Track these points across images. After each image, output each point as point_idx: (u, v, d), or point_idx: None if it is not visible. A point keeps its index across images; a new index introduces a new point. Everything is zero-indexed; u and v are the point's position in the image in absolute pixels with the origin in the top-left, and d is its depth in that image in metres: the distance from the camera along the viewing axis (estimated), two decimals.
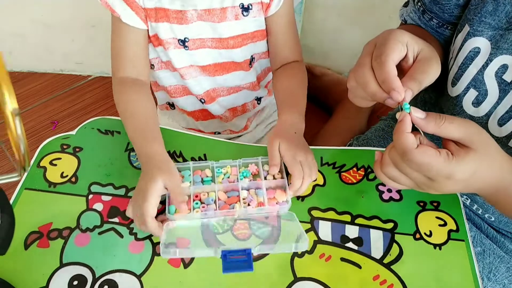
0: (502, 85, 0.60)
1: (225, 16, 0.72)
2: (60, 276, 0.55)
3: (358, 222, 0.62)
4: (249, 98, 0.88)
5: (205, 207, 0.60)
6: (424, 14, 0.69)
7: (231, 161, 0.66)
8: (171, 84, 0.82)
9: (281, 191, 0.63)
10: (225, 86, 0.83)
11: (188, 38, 0.73)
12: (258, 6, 0.73)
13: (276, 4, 0.73)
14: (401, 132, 0.46)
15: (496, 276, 0.70)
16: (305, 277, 0.56)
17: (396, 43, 0.49)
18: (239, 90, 0.85)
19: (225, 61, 0.78)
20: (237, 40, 0.75)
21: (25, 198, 0.62)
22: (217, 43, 0.75)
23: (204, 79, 0.80)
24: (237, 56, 0.77)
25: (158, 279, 0.56)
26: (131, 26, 0.70)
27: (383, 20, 1.31)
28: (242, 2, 0.72)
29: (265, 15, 0.74)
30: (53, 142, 0.69)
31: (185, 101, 0.85)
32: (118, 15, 0.69)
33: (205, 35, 0.73)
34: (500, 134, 0.61)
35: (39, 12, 1.46)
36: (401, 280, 0.56)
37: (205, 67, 0.78)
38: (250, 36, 0.76)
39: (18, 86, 1.60)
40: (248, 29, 0.75)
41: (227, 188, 0.63)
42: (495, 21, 0.59)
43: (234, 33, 0.74)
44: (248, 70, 0.81)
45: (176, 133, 0.72)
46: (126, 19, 0.69)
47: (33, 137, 1.45)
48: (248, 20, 0.73)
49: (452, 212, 0.63)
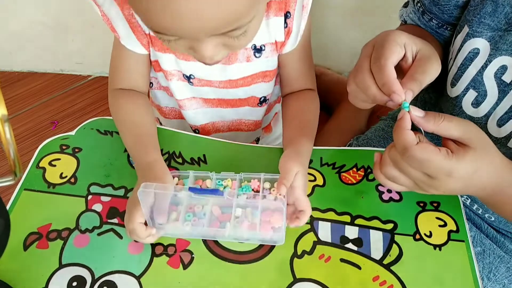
0: (501, 85, 0.60)
1: (236, 58, 0.67)
2: (59, 277, 0.55)
3: (358, 222, 0.62)
4: (249, 139, 0.84)
5: (196, 220, 0.58)
6: (423, 15, 0.69)
7: (232, 174, 0.63)
8: (167, 105, 0.80)
9: (279, 215, 0.57)
10: (226, 120, 0.79)
11: (194, 76, 0.70)
12: (272, 46, 0.68)
13: (292, 44, 0.67)
14: (401, 129, 0.46)
15: (496, 276, 0.70)
16: (305, 278, 0.56)
17: (394, 44, 0.49)
18: (240, 130, 0.81)
19: (232, 98, 0.74)
20: (247, 80, 0.71)
21: (24, 199, 0.62)
22: (225, 84, 0.71)
23: (204, 112, 0.77)
24: (244, 94, 0.74)
25: (157, 280, 0.56)
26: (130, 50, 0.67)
27: (383, 20, 1.31)
28: (254, 43, 0.67)
29: (279, 53, 0.69)
30: (52, 142, 0.69)
31: (176, 124, 0.83)
32: (118, 36, 0.65)
33: (213, 77, 0.70)
34: (499, 134, 0.61)
35: (39, 12, 1.46)
36: (401, 281, 0.56)
37: (209, 100, 0.75)
38: (261, 76, 0.71)
39: (18, 86, 1.60)
40: (259, 69, 0.70)
41: (222, 203, 0.59)
42: (494, 22, 0.59)
43: (244, 74, 0.70)
44: (254, 106, 0.77)
45: (175, 133, 0.72)
46: (125, 42, 0.66)
47: (33, 137, 1.45)
48: (260, 61, 0.69)
49: (452, 212, 0.63)
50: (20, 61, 1.62)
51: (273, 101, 0.84)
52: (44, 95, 1.58)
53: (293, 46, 0.68)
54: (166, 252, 0.58)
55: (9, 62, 1.63)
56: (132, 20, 0.64)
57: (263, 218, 0.57)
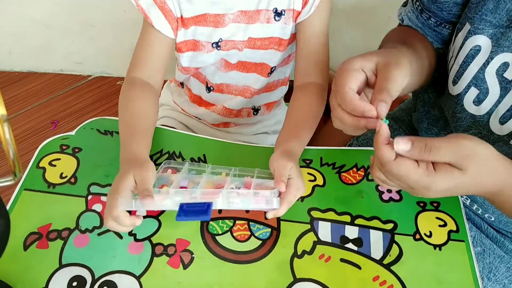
0: (503, 83, 0.59)
1: (258, 18, 0.73)
2: (59, 277, 0.55)
3: (358, 222, 0.62)
4: (247, 105, 0.89)
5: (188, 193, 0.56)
6: (422, 13, 0.69)
7: (227, 169, 0.63)
8: (188, 66, 0.82)
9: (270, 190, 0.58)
10: (238, 85, 0.84)
11: (221, 39, 0.75)
12: (290, 13, 0.74)
13: (307, 11, 0.73)
14: (378, 145, 0.47)
15: (496, 276, 0.70)
16: (305, 278, 0.56)
17: (348, 71, 0.51)
18: (244, 95, 0.85)
19: (249, 60, 0.79)
20: (264, 43, 0.76)
21: (24, 199, 0.62)
22: (245, 44, 0.76)
23: (223, 73, 0.81)
24: (259, 58, 0.78)
25: (157, 280, 0.56)
26: (161, 33, 0.71)
27: (383, 20, 1.31)
28: (276, 7, 0.73)
29: (295, 22, 0.75)
30: (52, 142, 0.69)
31: (192, 82, 0.87)
32: (151, 21, 0.70)
33: (237, 37, 0.75)
34: (501, 132, 0.61)
35: (39, 12, 1.46)
36: (401, 281, 0.56)
37: (230, 64, 0.79)
38: (277, 42, 0.77)
39: (18, 86, 1.60)
40: (276, 34, 0.75)
41: (215, 181, 0.60)
42: (496, 19, 0.59)
43: (262, 35, 0.75)
44: (266, 76, 0.82)
45: (175, 133, 0.72)
46: (159, 26, 0.70)
47: (33, 137, 1.45)
48: (277, 26, 0.74)
49: (452, 212, 0.63)
50: (20, 61, 1.62)
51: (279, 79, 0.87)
52: (44, 95, 1.58)
53: (308, 14, 0.73)
54: (166, 252, 0.58)
55: (9, 62, 1.63)
56: (165, 6, 0.70)
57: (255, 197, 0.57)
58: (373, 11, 1.35)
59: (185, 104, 0.93)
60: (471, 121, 0.64)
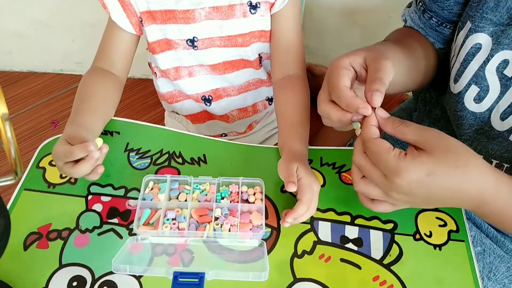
0: (503, 80, 0.60)
1: (233, 14, 0.72)
2: (59, 277, 0.55)
3: (358, 222, 0.62)
4: (260, 98, 0.88)
5: (175, 223, 0.58)
6: (424, 14, 0.70)
7: (210, 178, 0.63)
8: (168, 90, 0.84)
9: (258, 213, 0.60)
10: (235, 85, 0.83)
11: (197, 37, 0.74)
12: (266, 5, 0.73)
13: (280, 3, 0.73)
14: (366, 124, 0.50)
15: (496, 275, 0.70)
16: (305, 278, 0.56)
17: (340, 70, 0.52)
18: (249, 90, 0.85)
19: (235, 59, 0.78)
20: (245, 38, 0.75)
21: (24, 199, 0.62)
22: (225, 42, 0.75)
23: (212, 78, 0.81)
24: (246, 54, 0.78)
25: (158, 280, 0.55)
26: (118, 25, 0.72)
27: (383, 20, 1.31)
28: (250, 0, 0.72)
29: (270, 13, 0.74)
30: (52, 142, 0.69)
31: (182, 106, 0.86)
32: (108, 11, 0.71)
33: (213, 33, 0.74)
34: (502, 128, 0.62)
35: (39, 12, 1.46)
36: (401, 281, 0.56)
37: (215, 65, 0.78)
38: (257, 35, 0.76)
39: (18, 86, 1.60)
40: (255, 28, 0.75)
41: (202, 206, 0.60)
42: (496, 17, 0.59)
43: (242, 31, 0.74)
44: (258, 68, 0.81)
45: (175, 134, 0.72)
46: (115, 18, 0.71)
47: (33, 137, 1.45)
48: (255, 19, 0.74)
49: (452, 212, 0.63)
50: (20, 61, 1.62)
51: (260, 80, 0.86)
52: (44, 95, 1.58)
53: (282, 5, 0.73)
54: (166, 252, 0.58)
55: (9, 62, 1.63)
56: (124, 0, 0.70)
57: (243, 220, 0.59)
58: (373, 11, 1.35)
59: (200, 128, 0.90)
60: (472, 118, 0.64)
